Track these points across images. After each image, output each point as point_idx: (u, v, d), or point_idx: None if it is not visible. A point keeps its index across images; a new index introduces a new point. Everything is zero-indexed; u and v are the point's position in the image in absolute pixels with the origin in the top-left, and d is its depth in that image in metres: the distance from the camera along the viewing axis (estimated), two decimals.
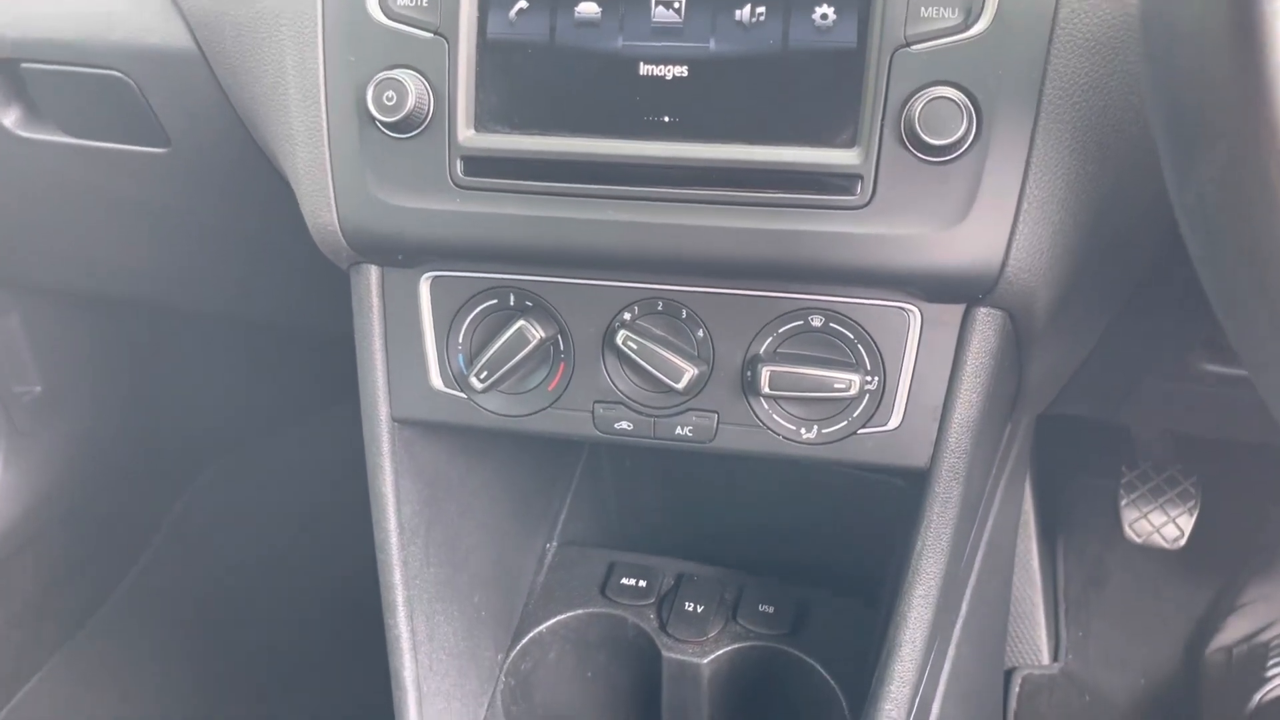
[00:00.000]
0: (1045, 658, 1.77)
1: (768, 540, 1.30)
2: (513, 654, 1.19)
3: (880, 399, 0.90)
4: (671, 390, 0.92)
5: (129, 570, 2.03)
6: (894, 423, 0.90)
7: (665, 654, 1.16)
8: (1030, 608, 1.78)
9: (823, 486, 1.26)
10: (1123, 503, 1.72)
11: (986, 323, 0.86)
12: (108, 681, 1.90)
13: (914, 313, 0.87)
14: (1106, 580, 1.85)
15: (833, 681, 1.12)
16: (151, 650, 1.97)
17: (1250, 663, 1.60)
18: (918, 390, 0.89)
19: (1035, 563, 1.79)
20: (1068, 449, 1.85)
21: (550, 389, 0.96)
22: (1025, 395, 1.09)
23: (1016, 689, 1.72)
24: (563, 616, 1.22)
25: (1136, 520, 1.71)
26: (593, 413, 0.96)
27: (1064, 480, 1.91)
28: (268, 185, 1.06)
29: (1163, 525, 1.70)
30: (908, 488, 1.02)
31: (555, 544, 1.32)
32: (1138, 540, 1.71)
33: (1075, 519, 1.90)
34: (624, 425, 0.95)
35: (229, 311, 1.64)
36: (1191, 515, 1.69)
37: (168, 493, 2.14)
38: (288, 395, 2.27)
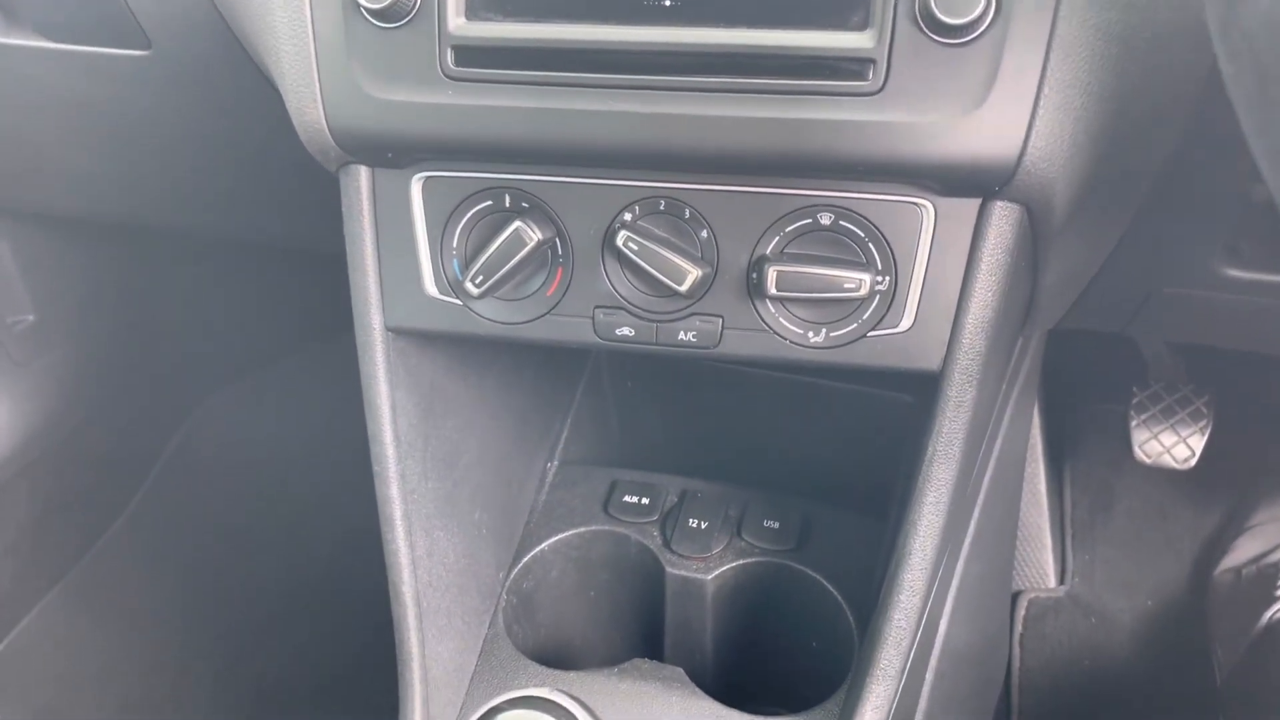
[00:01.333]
0: (1052, 581, 1.77)
1: (772, 456, 1.28)
2: (514, 572, 1.17)
3: (891, 299, 0.87)
4: (674, 293, 0.88)
5: (128, 502, 2.01)
6: (905, 324, 0.87)
7: (669, 570, 1.14)
8: (1037, 531, 1.78)
9: (828, 401, 1.24)
10: (1133, 423, 1.70)
11: (1003, 217, 0.82)
12: (107, 613, 1.90)
13: (927, 208, 0.84)
14: (1114, 504, 1.83)
15: (839, 596, 1.10)
16: (151, 582, 1.96)
17: (1259, 583, 1.59)
18: (931, 289, 0.86)
19: (1043, 486, 1.77)
20: (1077, 373, 1.83)
21: (549, 294, 0.93)
22: (1039, 303, 1.06)
23: (1023, 612, 1.72)
24: (565, 534, 1.20)
25: (1147, 441, 1.69)
26: (593, 319, 0.93)
27: (1073, 404, 1.89)
28: (253, 88, 1.02)
29: (1173, 445, 1.68)
30: (916, 404, 0.99)
31: (557, 463, 1.29)
32: (1148, 461, 1.69)
33: (1083, 443, 1.89)
34: (625, 331, 0.92)
35: (223, 230, 1.60)
36: (1203, 435, 1.67)
37: (167, 422, 2.12)
38: (289, 322, 2.24)
